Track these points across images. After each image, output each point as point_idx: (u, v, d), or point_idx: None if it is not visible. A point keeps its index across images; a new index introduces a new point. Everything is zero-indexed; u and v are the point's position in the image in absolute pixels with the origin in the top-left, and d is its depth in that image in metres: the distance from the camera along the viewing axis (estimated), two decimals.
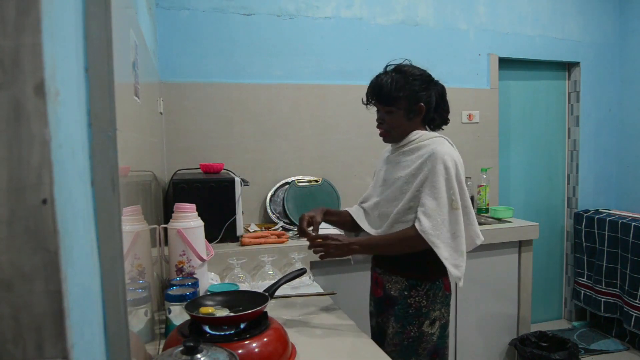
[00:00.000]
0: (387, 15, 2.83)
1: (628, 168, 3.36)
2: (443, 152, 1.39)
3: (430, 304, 1.44)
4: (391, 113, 1.46)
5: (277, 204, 2.57)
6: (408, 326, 1.44)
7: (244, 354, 0.98)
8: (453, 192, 1.38)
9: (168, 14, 2.45)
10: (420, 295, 1.44)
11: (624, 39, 3.35)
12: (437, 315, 1.45)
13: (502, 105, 3.17)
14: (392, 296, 1.49)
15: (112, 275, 0.57)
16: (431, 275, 1.45)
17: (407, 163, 1.46)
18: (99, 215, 0.55)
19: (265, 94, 2.62)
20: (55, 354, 0.44)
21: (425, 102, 1.46)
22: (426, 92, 1.46)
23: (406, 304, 1.45)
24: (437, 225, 1.36)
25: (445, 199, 1.37)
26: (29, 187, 0.42)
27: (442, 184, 1.37)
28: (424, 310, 1.44)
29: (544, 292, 3.38)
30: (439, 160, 1.38)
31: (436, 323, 1.45)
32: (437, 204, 1.37)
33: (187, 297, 1.24)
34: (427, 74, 1.50)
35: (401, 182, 1.45)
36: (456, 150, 1.47)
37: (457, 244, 1.38)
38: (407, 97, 1.44)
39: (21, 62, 0.42)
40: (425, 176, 1.39)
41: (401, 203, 1.44)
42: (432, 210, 1.37)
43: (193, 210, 1.46)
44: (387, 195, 1.51)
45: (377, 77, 1.50)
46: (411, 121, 1.47)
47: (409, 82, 1.44)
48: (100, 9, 0.55)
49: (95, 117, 0.54)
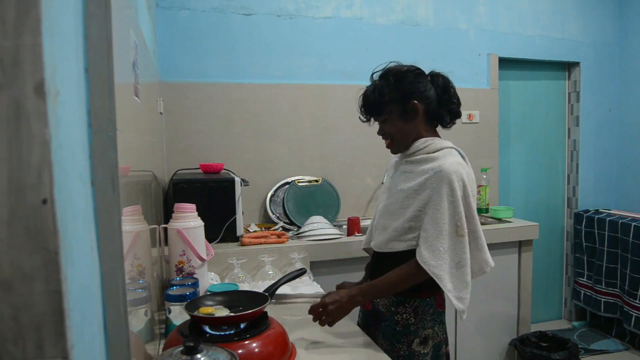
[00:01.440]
0: (387, 15, 2.83)
1: (628, 168, 3.36)
2: (450, 171, 1.25)
3: (419, 321, 1.34)
4: (386, 121, 1.36)
5: (277, 204, 2.57)
6: (397, 344, 1.35)
7: (244, 354, 0.98)
8: (459, 218, 1.25)
9: (168, 14, 2.45)
10: (408, 312, 1.35)
11: (624, 39, 3.35)
12: (428, 334, 1.35)
13: (502, 105, 3.17)
14: (379, 311, 1.41)
15: (112, 275, 0.57)
16: (421, 293, 1.35)
17: (412, 175, 1.33)
18: (99, 215, 0.55)
19: (265, 94, 2.62)
20: (55, 354, 0.44)
21: (421, 98, 1.33)
22: (419, 86, 1.34)
23: (393, 320, 1.36)
24: (439, 255, 1.24)
25: (448, 225, 1.25)
26: (29, 187, 0.42)
27: (446, 208, 1.24)
28: (412, 328, 1.34)
29: (544, 292, 3.38)
30: (445, 180, 1.24)
31: (429, 342, 1.35)
32: (439, 230, 1.24)
33: (187, 297, 1.24)
34: (414, 69, 1.37)
35: (402, 195, 1.33)
36: (467, 164, 1.35)
37: (461, 274, 1.26)
38: (396, 99, 1.33)
39: (21, 62, 0.42)
40: (428, 196, 1.26)
41: (400, 220, 1.32)
42: (434, 239, 1.24)
43: (193, 210, 1.46)
44: (387, 206, 1.39)
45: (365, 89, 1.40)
46: (410, 123, 1.34)
47: (391, 84, 1.33)
48: (100, 9, 0.55)
49: (95, 117, 0.54)
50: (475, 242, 1.32)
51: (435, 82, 1.39)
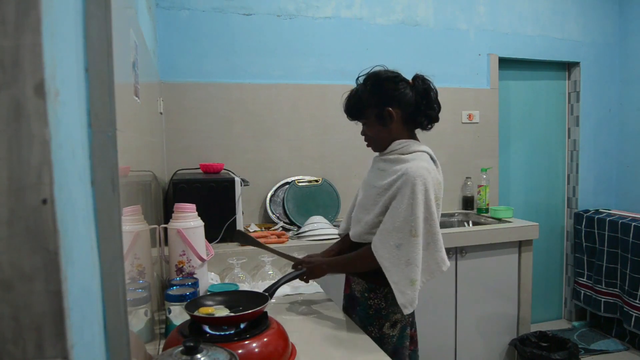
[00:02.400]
0: (387, 15, 2.83)
1: (628, 168, 3.36)
2: (415, 175, 1.32)
3: (389, 306, 1.44)
4: (366, 124, 1.47)
5: (277, 204, 2.57)
6: (369, 327, 1.45)
7: (244, 354, 0.98)
8: (414, 219, 1.31)
9: (168, 14, 2.45)
10: (379, 297, 1.45)
11: (624, 39, 3.35)
12: (398, 318, 1.45)
13: (502, 105, 3.18)
14: (355, 296, 1.52)
15: (112, 275, 0.57)
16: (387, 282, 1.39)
17: (384, 174, 1.42)
18: (99, 215, 0.55)
19: (265, 94, 2.62)
20: (55, 354, 0.44)
21: (397, 105, 1.40)
22: (396, 93, 1.39)
23: (366, 305, 1.47)
24: (389, 249, 1.33)
25: (403, 224, 1.32)
26: (29, 187, 0.42)
27: (404, 208, 1.32)
28: (383, 312, 1.45)
29: (544, 292, 3.38)
30: (409, 183, 1.32)
31: (397, 325, 1.45)
32: (394, 227, 1.33)
33: (187, 297, 1.24)
34: (394, 75, 1.43)
35: (375, 192, 1.43)
36: (437, 168, 1.42)
37: (409, 272, 1.32)
38: (374, 104, 1.40)
39: (21, 62, 0.42)
40: (393, 194, 1.36)
41: (371, 215, 1.42)
42: (387, 233, 1.34)
43: (193, 210, 1.45)
44: (362, 201, 1.51)
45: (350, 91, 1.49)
46: (387, 127, 1.42)
47: (369, 91, 1.41)
48: (100, 9, 0.55)
49: (95, 117, 0.54)
50: (435, 244, 1.38)
51: (415, 87, 1.44)
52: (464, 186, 3.04)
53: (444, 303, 2.43)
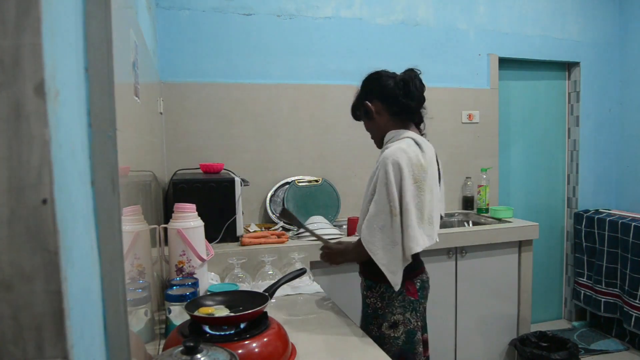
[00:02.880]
0: (387, 15, 2.83)
1: (628, 168, 3.36)
2: (387, 156, 1.36)
3: (385, 306, 1.46)
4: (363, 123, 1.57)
5: (277, 204, 2.57)
6: (370, 325, 1.49)
7: (244, 354, 0.98)
8: (392, 198, 1.35)
9: (168, 14, 2.45)
10: (375, 296, 1.48)
11: (624, 39, 3.35)
12: (398, 320, 1.45)
13: (502, 105, 3.18)
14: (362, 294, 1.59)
15: (112, 275, 0.57)
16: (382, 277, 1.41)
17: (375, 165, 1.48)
18: (99, 215, 0.55)
19: (265, 94, 2.62)
20: (55, 354, 0.44)
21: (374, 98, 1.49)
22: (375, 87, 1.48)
23: (365, 304, 1.53)
24: (374, 232, 1.37)
25: (383, 205, 1.36)
26: (29, 187, 0.42)
27: (383, 190, 1.36)
28: (379, 312, 1.47)
29: (544, 292, 3.38)
30: (382, 166, 1.37)
31: (399, 327, 1.45)
32: (377, 210, 1.37)
33: (187, 297, 1.24)
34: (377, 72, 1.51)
35: (368, 181, 1.48)
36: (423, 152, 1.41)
37: (396, 251, 1.36)
38: (359, 103, 1.54)
39: (21, 62, 0.42)
40: (375, 181, 1.40)
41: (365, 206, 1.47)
42: (371, 217, 1.38)
43: (193, 210, 1.46)
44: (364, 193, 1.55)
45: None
46: (373, 121, 1.51)
47: (358, 92, 1.54)
48: (100, 9, 0.55)
49: (95, 117, 0.54)
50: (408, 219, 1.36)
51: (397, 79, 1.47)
52: (464, 186, 3.04)
53: (444, 303, 2.43)
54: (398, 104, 1.46)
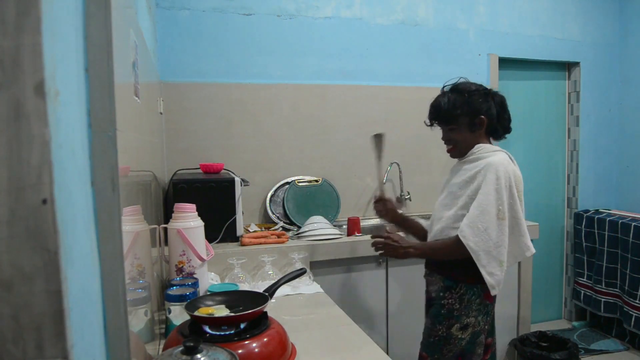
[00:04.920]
0: (387, 15, 2.83)
1: (628, 168, 3.36)
2: (498, 163, 1.43)
3: (463, 308, 1.47)
4: (454, 130, 1.54)
5: (277, 204, 2.57)
6: (438, 325, 1.50)
7: (244, 354, 0.98)
8: (501, 202, 1.40)
9: (168, 14, 2.45)
10: (454, 297, 1.48)
11: (624, 39, 3.35)
12: (470, 322, 1.48)
13: None
14: (432, 297, 1.58)
15: (112, 275, 0.57)
16: (469, 278, 1.47)
17: (464, 172, 1.52)
18: (99, 215, 0.55)
19: (265, 94, 2.62)
20: (55, 354, 0.44)
21: (486, 114, 1.51)
22: (485, 104, 1.52)
23: (440, 304, 1.52)
24: (478, 233, 1.39)
25: (491, 207, 1.40)
26: (29, 187, 0.42)
27: (491, 193, 1.40)
28: (455, 313, 1.48)
29: (544, 292, 3.38)
30: (492, 170, 1.42)
31: (468, 329, 1.48)
32: (481, 211, 1.40)
33: (187, 297, 1.24)
34: (483, 88, 1.55)
35: (455, 188, 1.52)
36: (516, 166, 1.51)
37: (497, 253, 1.40)
38: (467, 112, 1.51)
39: (21, 62, 0.42)
40: (478, 185, 1.44)
41: (453, 209, 1.49)
42: (475, 217, 1.40)
43: (193, 210, 1.45)
44: (442, 201, 1.58)
45: (435, 99, 1.57)
46: (475, 134, 1.53)
47: (465, 99, 1.51)
48: (100, 9, 0.55)
49: (95, 117, 0.54)
50: (518, 228, 1.46)
51: (495, 100, 1.56)
52: None
53: None
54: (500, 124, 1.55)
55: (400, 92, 2.82)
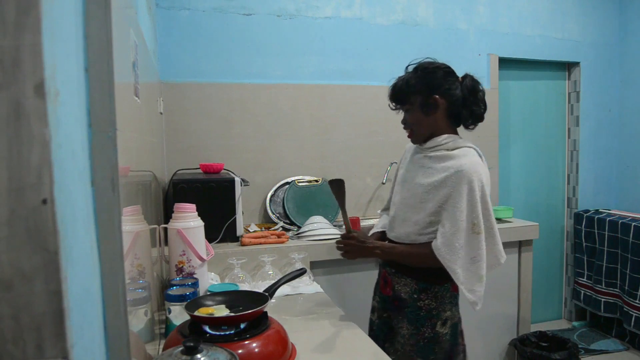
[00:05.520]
0: (387, 15, 2.83)
1: (628, 168, 3.36)
2: (470, 171, 1.32)
3: (439, 305, 1.46)
4: (408, 111, 1.45)
5: (277, 204, 2.57)
6: (422, 328, 1.46)
7: (244, 354, 0.98)
8: (475, 216, 1.33)
9: (168, 14, 2.45)
10: (430, 298, 1.45)
11: (624, 39, 3.35)
12: (448, 316, 1.47)
13: (502, 105, 3.17)
14: (402, 298, 1.49)
15: (112, 275, 0.57)
16: (440, 279, 1.44)
17: (431, 171, 1.41)
18: (99, 215, 0.55)
19: (265, 94, 2.62)
20: (55, 354, 0.44)
21: (444, 95, 1.39)
22: (444, 83, 1.40)
23: (416, 307, 1.46)
24: (454, 251, 1.33)
25: (465, 223, 1.33)
26: (29, 187, 0.42)
27: (464, 207, 1.32)
28: (434, 312, 1.46)
29: (544, 292, 3.38)
30: (465, 180, 1.32)
31: (447, 323, 1.47)
32: (457, 228, 1.32)
33: (187, 297, 1.24)
34: (444, 67, 1.44)
35: (421, 190, 1.41)
36: (485, 163, 1.42)
37: (476, 268, 1.35)
38: (419, 91, 1.40)
39: (21, 62, 0.42)
40: (448, 194, 1.34)
41: (422, 215, 1.40)
42: (451, 235, 1.33)
43: (193, 210, 1.45)
44: (405, 199, 1.47)
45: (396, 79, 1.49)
46: (430, 116, 1.41)
47: (420, 77, 1.41)
48: (100, 9, 0.55)
49: (95, 117, 0.54)
50: (492, 238, 1.40)
51: (463, 83, 1.45)
52: None
53: None
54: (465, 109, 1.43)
55: None
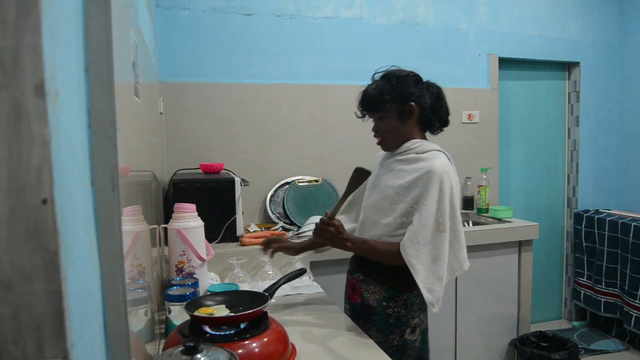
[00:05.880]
0: (387, 15, 2.83)
1: (628, 168, 3.36)
2: (440, 171, 1.34)
3: (408, 312, 1.44)
4: (382, 119, 1.44)
5: (277, 204, 2.57)
6: (390, 335, 1.43)
7: (244, 354, 0.98)
8: (441, 214, 1.34)
9: (168, 14, 2.45)
10: (399, 305, 1.43)
11: (624, 39, 3.35)
12: (416, 323, 1.45)
13: (502, 105, 3.17)
14: (370, 305, 1.46)
15: (112, 275, 0.57)
16: (408, 286, 1.41)
17: (402, 174, 1.41)
18: (99, 215, 0.55)
19: (265, 94, 2.62)
20: (55, 354, 0.44)
21: (417, 102, 1.41)
22: (416, 91, 1.42)
23: (385, 314, 1.44)
24: (417, 247, 1.33)
25: (432, 220, 1.33)
26: (29, 187, 0.42)
27: (433, 205, 1.34)
28: (403, 319, 1.43)
29: (544, 292, 3.38)
30: (435, 180, 1.34)
31: (417, 330, 1.45)
32: (423, 224, 1.33)
33: (187, 297, 1.24)
34: (414, 74, 1.46)
35: (392, 192, 1.41)
36: (453, 167, 1.43)
37: (436, 268, 1.33)
38: (394, 99, 1.41)
39: (21, 62, 0.42)
40: (419, 193, 1.36)
41: (392, 217, 1.40)
42: (417, 230, 1.33)
43: (193, 210, 1.46)
44: (375, 202, 1.46)
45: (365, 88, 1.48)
46: (404, 123, 1.43)
47: (393, 85, 1.42)
48: (100, 9, 0.55)
49: (95, 117, 0.54)
50: (457, 241, 1.39)
51: (429, 90, 1.47)
52: (464, 186, 3.04)
53: (444, 303, 2.42)
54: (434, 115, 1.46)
55: None
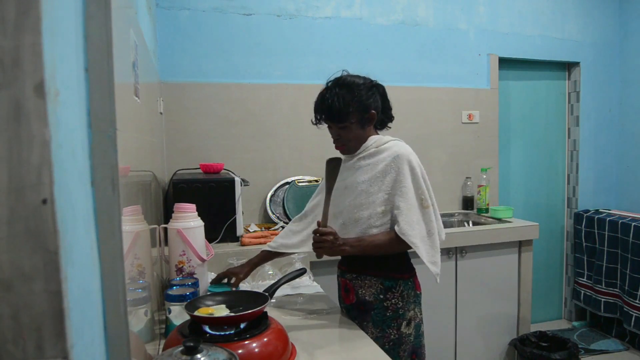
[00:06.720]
0: (387, 15, 2.83)
1: (628, 168, 3.36)
2: (407, 153, 1.43)
3: (405, 304, 1.45)
4: (345, 128, 1.45)
5: (277, 204, 2.57)
6: (387, 329, 1.43)
7: (244, 354, 0.98)
8: (422, 192, 1.42)
9: (168, 14, 2.45)
10: (396, 297, 1.44)
11: (624, 39, 3.35)
12: (411, 315, 1.46)
13: (502, 105, 3.17)
14: (366, 301, 1.45)
15: (112, 275, 0.57)
16: (405, 274, 1.46)
17: (369, 167, 1.45)
18: (99, 215, 0.55)
19: (265, 94, 2.62)
20: (55, 354, 0.44)
21: (376, 109, 1.48)
22: (373, 97, 1.47)
23: (383, 307, 1.43)
24: (413, 226, 1.38)
25: (414, 199, 1.41)
26: (29, 187, 0.42)
27: (410, 184, 1.41)
28: (400, 311, 1.44)
29: (544, 292, 3.38)
30: (405, 162, 1.41)
31: (411, 323, 1.46)
32: (409, 205, 1.39)
33: (187, 297, 1.24)
34: (369, 80, 1.50)
35: (365, 185, 1.43)
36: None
37: (432, 241, 1.41)
38: (358, 109, 1.44)
39: (21, 62, 0.42)
40: (393, 179, 1.41)
41: (372, 208, 1.42)
42: (407, 212, 1.39)
43: (193, 210, 1.46)
44: (352, 201, 1.45)
45: (321, 96, 1.48)
46: (365, 129, 1.49)
47: (355, 95, 1.43)
48: (100, 9, 0.55)
49: (95, 117, 0.54)
50: (436, 213, 1.48)
51: (378, 91, 1.52)
52: (464, 186, 3.04)
53: (444, 303, 2.43)
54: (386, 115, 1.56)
55: (400, 92, 2.82)
